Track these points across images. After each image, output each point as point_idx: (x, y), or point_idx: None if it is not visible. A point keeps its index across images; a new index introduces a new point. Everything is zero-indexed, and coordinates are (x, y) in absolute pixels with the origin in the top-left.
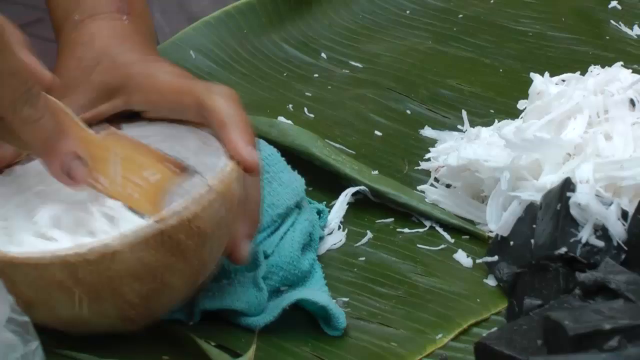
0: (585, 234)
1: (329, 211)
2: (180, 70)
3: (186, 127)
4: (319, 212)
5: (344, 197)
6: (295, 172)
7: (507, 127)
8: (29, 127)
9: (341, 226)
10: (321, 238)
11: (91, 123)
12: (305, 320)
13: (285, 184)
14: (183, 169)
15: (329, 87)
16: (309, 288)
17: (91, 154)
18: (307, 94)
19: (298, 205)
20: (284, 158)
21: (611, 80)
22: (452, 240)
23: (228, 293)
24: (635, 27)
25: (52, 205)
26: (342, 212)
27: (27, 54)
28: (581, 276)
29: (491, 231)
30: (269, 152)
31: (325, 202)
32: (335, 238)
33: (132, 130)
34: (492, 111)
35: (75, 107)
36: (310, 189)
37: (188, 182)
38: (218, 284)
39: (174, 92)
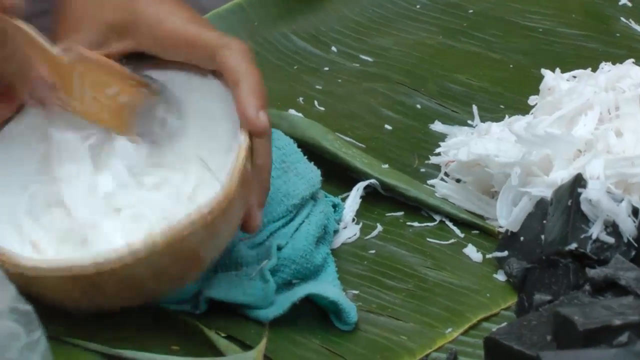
0: (596, 230)
1: (344, 205)
2: (189, 13)
3: (198, 77)
4: (334, 206)
5: (357, 191)
6: (312, 163)
7: (518, 122)
8: None
9: (355, 219)
10: (336, 232)
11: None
12: (315, 312)
13: (301, 174)
14: (147, 87)
15: (339, 80)
16: (321, 282)
17: (59, 75)
18: (317, 87)
19: (313, 197)
20: (300, 149)
21: (622, 76)
22: (462, 235)
23: (235, 285)
24: None
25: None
26: (356, 206)
27: None
28: (591, 272)
29: (501, 226)
30: (286, 143)
31: (336, 195)
32: (350, 232)
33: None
34: (501, 106)
35: (86, 44)
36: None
37: (153, 100)
38: (226, 275)
39: (186, 43)
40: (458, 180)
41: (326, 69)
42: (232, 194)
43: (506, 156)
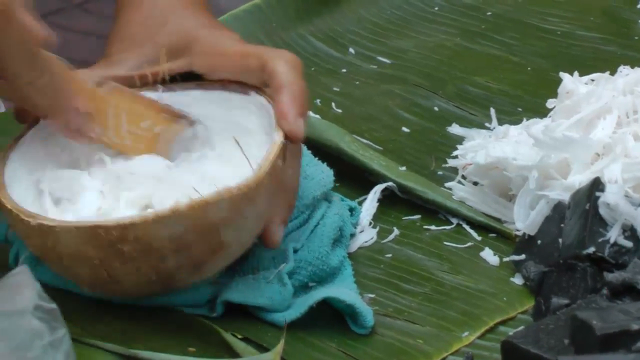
0: (614, 234)
1: (361, 209)
2: (239, 36)
3: (240, 95)
4: (351, 210)
5: (374, 195)
6: (325, 164)
7: (536, 125)
8: (32, 89)
9: (372, 223)
10: (352, 235)
11: (153, 80)
12: (332, 315)
13: (310, 176)
14: (182, 118)
15: (357, 82)
16: (337, 285)
17: (94, 107)
18: (334, 88)
19: (327, 198)
20: (310, 151)
21: None
22: (479, 238)
23: (252, 288)
24: None
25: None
26: (373, 210)
27: (25, 12)
28: (609, 276)
29: (518, 230)
30: None
31: (353, 197)
32: (367, 236)
33: (189, 95)
34: (519, 109)
35: (140, 63)
36: (337, 184)
37: (188, 130)
38: (243, 279)
39: (238, 55)
40: (475, 183)
41: (344, 70)
42: (261, 179)
43: (524, 159)
